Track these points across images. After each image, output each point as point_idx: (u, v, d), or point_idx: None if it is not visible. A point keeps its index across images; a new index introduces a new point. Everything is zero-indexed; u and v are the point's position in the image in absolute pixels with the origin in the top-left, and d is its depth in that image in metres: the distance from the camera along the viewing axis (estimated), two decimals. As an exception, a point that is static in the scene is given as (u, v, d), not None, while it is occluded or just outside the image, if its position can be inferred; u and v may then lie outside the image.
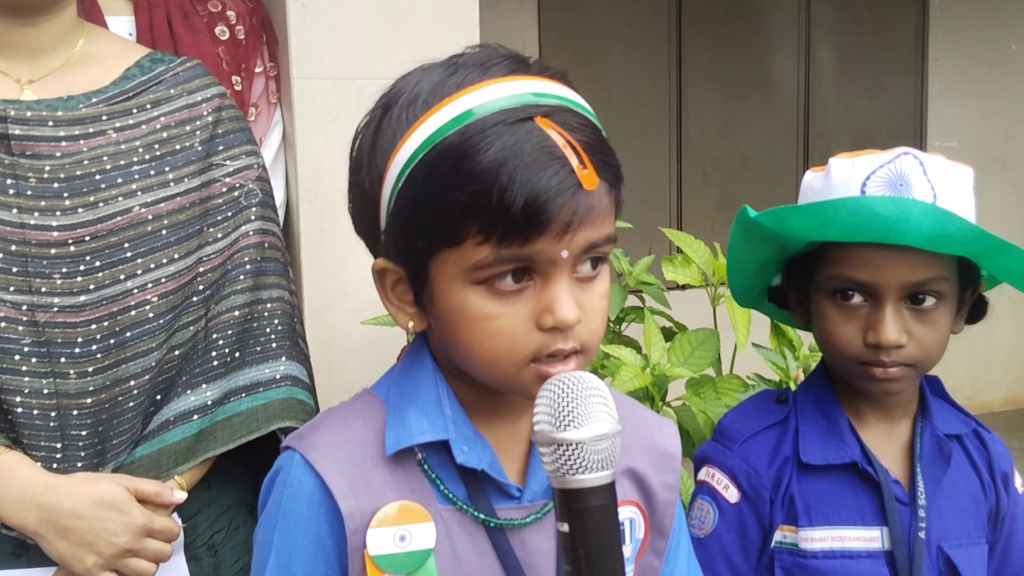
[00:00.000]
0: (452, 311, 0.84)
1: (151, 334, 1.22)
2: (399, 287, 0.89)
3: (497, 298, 0.82)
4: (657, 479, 1.00)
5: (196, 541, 1.30)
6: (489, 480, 0.90)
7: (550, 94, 0.84)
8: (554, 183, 0.78)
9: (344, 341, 2.04)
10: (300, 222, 2.01)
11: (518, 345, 0.82)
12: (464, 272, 0.82)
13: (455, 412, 0.90)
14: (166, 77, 1.32)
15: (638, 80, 5.27)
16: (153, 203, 1.23)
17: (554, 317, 0.81)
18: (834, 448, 1.21)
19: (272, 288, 1.33)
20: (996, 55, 6.06)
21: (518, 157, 0.78)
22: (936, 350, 1.17)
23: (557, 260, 0.81)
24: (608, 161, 0.84)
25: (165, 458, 1.24)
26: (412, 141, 0.83)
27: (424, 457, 0.90)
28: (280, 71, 2.01)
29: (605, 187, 0.83)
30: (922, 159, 1.13)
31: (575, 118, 0.83)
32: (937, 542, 1.19)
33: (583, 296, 0.84)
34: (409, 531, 0.87)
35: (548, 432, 0.77)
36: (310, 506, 0.88)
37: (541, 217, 0.78)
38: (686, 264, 1.79)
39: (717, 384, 1.66)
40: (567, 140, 0.80)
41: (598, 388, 0.79)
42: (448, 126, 0.81)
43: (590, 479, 0.76)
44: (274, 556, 0.89)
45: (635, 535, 0.99)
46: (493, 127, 0.79)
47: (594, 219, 0.82)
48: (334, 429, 0.92)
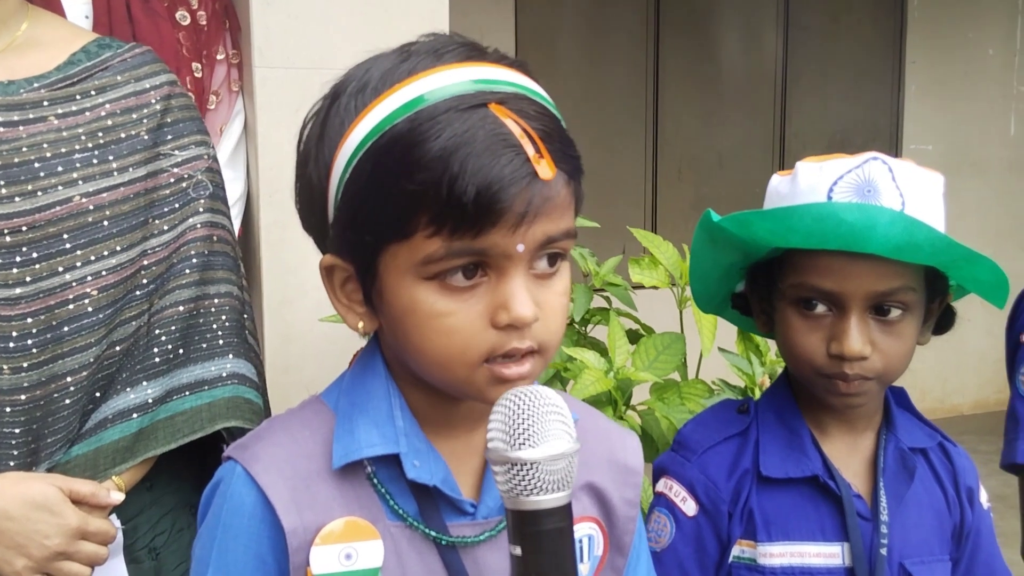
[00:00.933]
0: (402, 309, 0.80)
1: (90, 329, 1.18)
2: (348, 285, 0.85)
3: (449, 294, 0.78)
4: (618, 495, 0.97)
5: (137, 543, 1.27)
6: (442, 495, 0.86)
7: (506, 81, 0.80)
8: (508, 171, 0.75)
9: (304, 338, 2.00)
10: (260, 215, 1.96)
11: (471, 344, 0.79)
12: (414, 267, 0.78)
13: (407, 423, 0.86)
14: (113, 63, 1.28)
15: (615, 78, 5.26)
16: (95, 193, 1.20)
17: (509, 314, 0.77)
18: (795, 461, 1.18)
19: (220, 283, 1.30)
20: (973, 59, 6.10)
21: (470, 144, 0.74)
22: (901, 362, 1.14)
23: (512, 255, 0.77)
24: (567, 152, 0.80)
25: (102, 458, 1.21)
26: (360, 129, 0.79)
27: (374, 471, 0.86)
28: (242, 59, 1.96)
29: (563, 178, 0.79)
30: (891, 164, 1.11)
31: (532, 106, 0.79)
32: (899, 559, 1.17)
33: (541, 293, 0.80)
34: (355, 549, 0.83)
35: (502, 450, 0.74)
36: (251, 521, 0.83)
37: (494, 207, 0.75)
38: (653, 266, 1.77)
39: (682, 389, 1.63)
40: (523, 128, 0.77)
41: (556, 404, 0.76)
42: (397, 113, 0.77)
43: (545, 500, 0.73)
44: (212, 571, 0.85)
45: (593, 552, 0.96)
46: (444, 114, 0.76)
47: (551, 211, 0.78)
48: (278, 439, 0.87)
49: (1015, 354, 1.50)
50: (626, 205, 5.20)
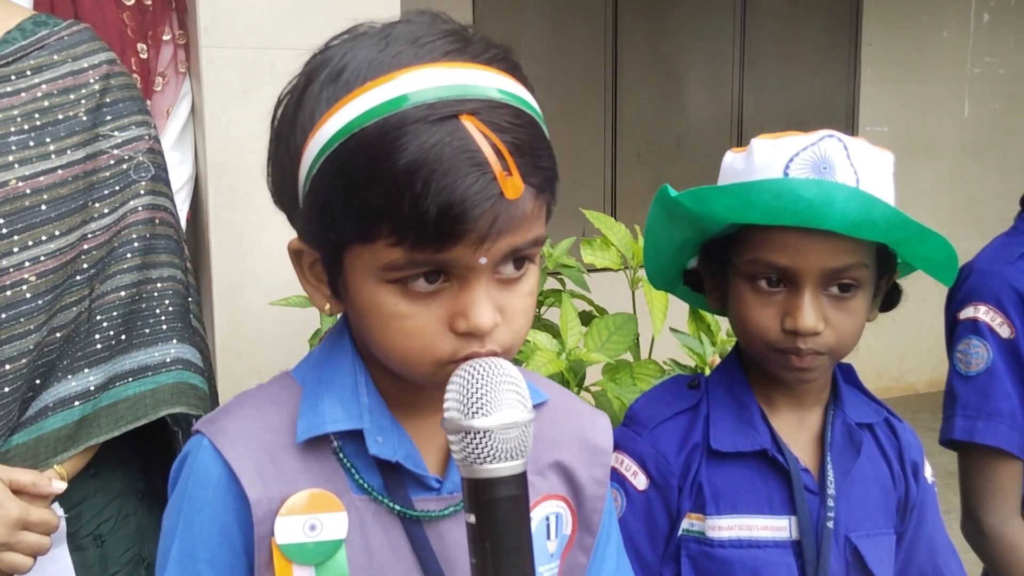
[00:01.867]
0: (364, 306, 0.81)
1: (28, 315, 1.16)
2: (316, 267, 0.85)
3: (410, 299, 0.78)
4: (587, 474, 0.97)
5: (81, 531, 1.25)
6: (407, 470, 0.87)
7: (483, 86, 0.77)
8: (472, 192, 0.73)
9: (255, 323, 1.98)
10: (209, 199, 1.94)
11: (431, 346, 0.79)
12: (376, 270, 0.78)
13: (372, 400, 0.87)
14: (49, 41, 1.24)
15: (574, 60, 5.25)
16: (32, 176, 1.17)
17: (467, 323, 0.78)
18: (744, 435, 1.19)
19: (163, 267, 1.27)
20: (928, 42, 6.17)
21: (435, 162, 0.73)
22: (852, 337, 1.15)
23: (475, 267, 0.77)
24: (539, 164, 0.78)
25: (44, 446, 1.18)
26: (330, 125, 0.77)
27: (340, 445, 0.86)
28: (189, 39, 1.93)
29: (532, 192, 0.78)
30: (846, 142, 1.11)
31: (507, 114, 0.77)
32: (845, 532, 1.18)
33: (504, 297, 0.80)
34: (320, 520, 0.84)
35: (456, 419, 0.75)
36: (216, 493, 0.84)
37: (456, 228, 0.74)
38: (605, 247, 1.76)
39: (634, 369, 1.63)
40: (492, 143, 0.75)
41: (511, 375, 0.76)
42: (368, 115, 0.75)
43: (499, 468, 0.74)
44: (178, 543, 0.85)
45: (562, 530, 0.96)
46: (414, 124, 0.74)
47: (517, 226, 0.77)
48: (246, 413, 0.88)
49: (952, 332, 1.52)
50: (585, 188, 5.21)
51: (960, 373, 1.49)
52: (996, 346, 1.45)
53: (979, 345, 1.47)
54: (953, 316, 1.52)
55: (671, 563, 1.20)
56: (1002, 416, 1.45)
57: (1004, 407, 1.45)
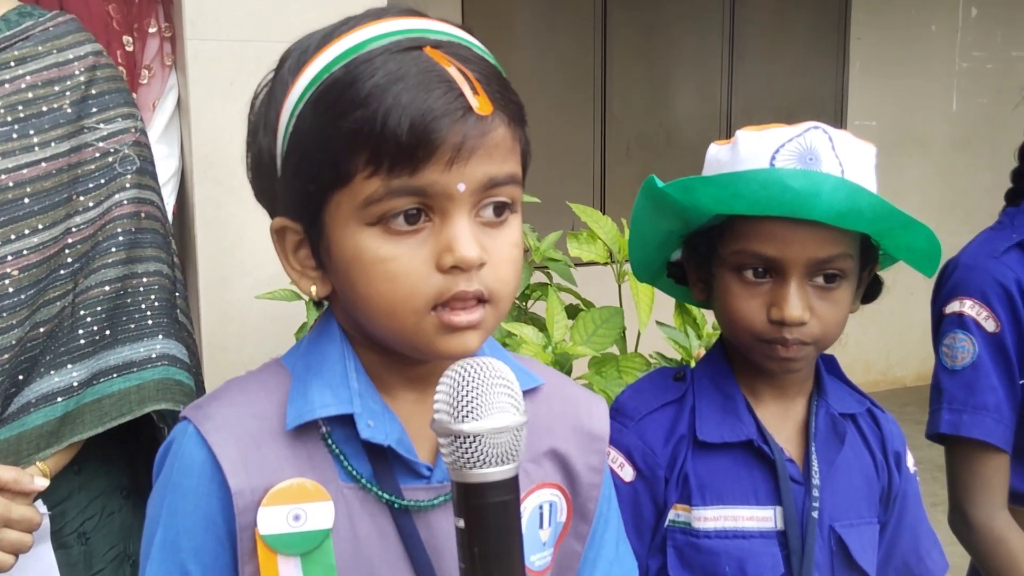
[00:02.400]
0: (348, 259, 0.80)
1: (11, 310, 1.14)
2: (301, 252, 0.85)
3: (392, 239, 0.78)
4: (582, 461, 0.96)
5: (65, 528, 1.23)
6: (397, 458, 0.85)
7: (443, 31, 0.81)
8: (441, 104, 0.75)
9: (242, 317, 1.98)
10: (195, 192, 1.93)
11: (417, 289, 0.78)
12: (356, 212, 0.78)
13: (362, 384, 0.86)
14: (34, 32, 1.23)
15: (563, 54, 5.24)
16: (15, 169, 1.15)
17: (453, 255, 0.77)
18: (730, 426, 1.19)
19: (149, 261, 1.26)
20: (916, 36, 6.18)
21: (403, 79, 0.75)
22: (837, 328, 1.16)
23: (453, 195, 0.77)
24: (507, 96, 0.80)
25: (26, 443, 1.17)
26: (300, 83, 0.80)
27: (328, 431, 0.85)
28: (174, 32, 1.92)
29: (503, 119, 0.79)
30: (831, 134, 1.12)
31: (468, 52, 0.80)
32: (830, 521, 1.19)
33: (488, 240, 0.80)
34: (305, 510, 0.82)
35: (445, 423, 0.73)
36: (199, 481, 0.83)
37: (428, 137, 0.75)
38: (591, 240, 1.76)
39: (620, 363, 1.64)
40: (457, 68, 0.77)
41: (504, 377, 0.75)
42: (334, 62, 0.79)
43: (490, 473, 0.72)
44: (161, 531, 0.84)
45: (556, 518, 0.95)
46: (380, 55, 0.77)
47: (491, 150, 0.78)
48: (234, 399, 0.87)
49: (938, 326, 1.53)
50: (574, 182, 5.20)
51: (946, 367, 1.49)
52: (982, 340, 1.46)
53: (965, 339, 1.47)
54: (939, 310, 1.53)
55: (657, 554, 1.20)
56: (988, 410, 1.45)
57: (990, 400, 1.46)
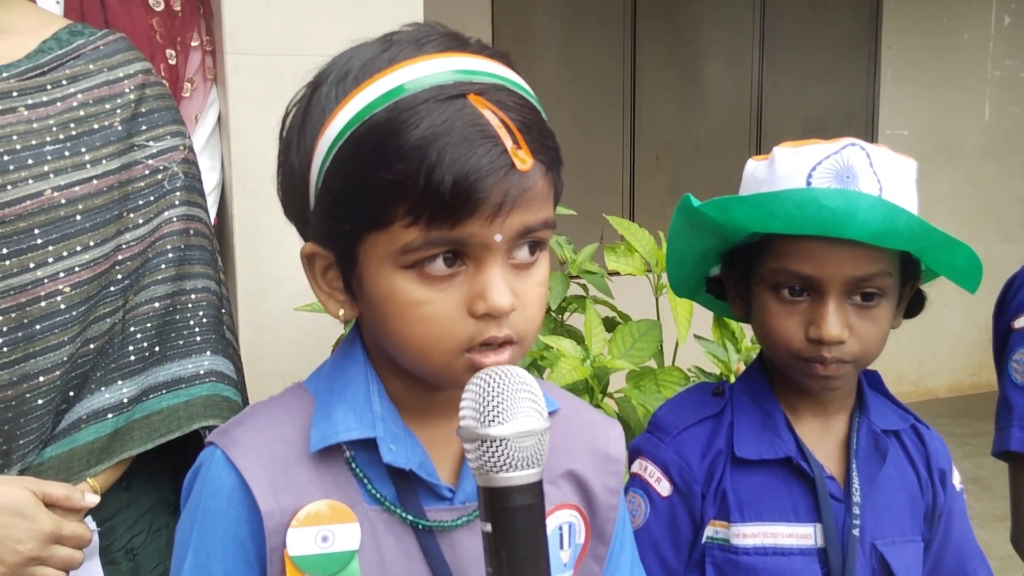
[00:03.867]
0: (381, 297, 0.80)
1: (63, 327, 1.16)
2: (329, 273, 0.86)
3: (427, 283, 0.79)
4: (599, 483, 0.97)
5: (113, 545, 1.24)
6: (420, 480, 0.87)
7: (486, 72, 0.81)
8: (485, 162, 0.75)
9: (278, 328, 2.00)
10: (233, 204, 1.95)
11: (449, 332, 0.79)
12: (393, 255, 0.78)
13: (385, 409, 0.87)
14: (85, 51, 1.25)
15: (592, 63, 5.25)
16: (67, 186, 1.17)
17: (486, 304, 0.78)
18: (769, 443, 1.19)
19: (197, 278, 1.27)
20: (948, 44, 6.14)
21: (448, 135, 0.75)
22: (877, 346, 1.15)
23: (490, 244, 0.78)
24: (545, 143, 0.81)
25: (76, 459, 1.18)
26: (340, 118, 0.79)
27: (352, 455, 0.86)
28: (215, 45, 1.95)
29: (541, 169, 0.80)
30: (868, 151, 1.11)
31: (511, 97, 0.80)
32: (871, 539, 1.18)
33: (519, 283, 0.81)
34: (332, 532, 0.83)
35: (472, 427, 0.74)
36: (229, 504, 0.84)
37: (471, 198, 0.75)
38: (629, 253, 1.77)
39: (658, 377, 1.64)
40: (500, 119, 0.77)
41: (527, 383, 0.76)
42: (377, 102, 0.78)
43: (515, 477, 0.74)
44: (192, 555, 0.85)
45: (575, 539, 0.96)
46: (423, 103, 0.76)
47: (529, 202, 0.79)
48: (259, 424, 0.88)
49: (1006, 341, 1.50)
50: (603, 192, 5.20)
51: (1016, 383, 1.46)
52: None
53: None
54: (1006, 325, 1.49)
55: (695, 570, 1.20)
56: None
57: None
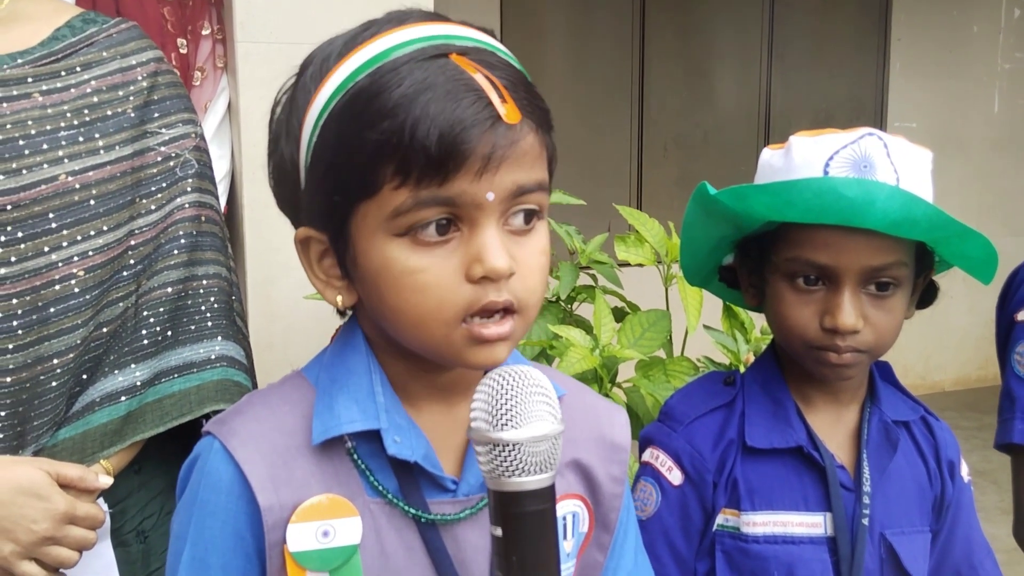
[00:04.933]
0: (376, 270, 0.79)
1: (76, 310, 1.16)
2: (325, 260, 0.84)
3: (421, 249, 0.77)
4: (604, 471, 0.96)
5: (124, 527, 1.25)
6: (423, 472, 0.85)
7: (468, 36, 0.80)
8: (470, 113, 0.74)
9: (288, 316, 2.00)
10: (243, 193, 1.96)
11: (447, 300, 0.77)
12: (384, 223, 0.77)
13: (388, 399, 0.85)
14: (98, 39, 1.26)
15: (601, 55, 5.24)
16: (81, 171, 1.18)
17: (483, 266, 0.76)
18: (780, 432, 1.20)
19: (209, 264, 1.28)
20: (958, 37, 6.11)
21: (431, 89, 0.74)
22: (891, 336, 1.15)
23: (483, 204, 0.76)
24: (534, 102, 0.79)
25: (90, 441, 1.18)
26: (324, 92, 0.79)
27: (354, 447, 0.84)
28: (225, 34, 1.95)
29: (531, 126, 0.78)
30: (886, 140, 1.11)
31: (494, 58, 0.79)
32: (880, 529, 1.18)
33: (517, 249, 0.79)
34: (333, 526, 0.82)
35: (484, 431, 0.73)
36: (228, 498, 0.82)
37: (458, 148, 0.74)
38: (639, 243, 1.77)
39: (667, 366, 1.64)
40: (484, 76, 0.76)
41: (541, 385, 0.75)
42: (359, 71, 0.77)
43: (528, 482, 0.72)
44: (189, 548, 0.84)
45: (578, 528, 0.95)
46: (405, 64, 0.76)
47: (519, 158, 0.77)
48: (258, 414, 0.86)
49: (1009, 333, 1.50)
50: (611, 183, 5.20)
51: (1019, 375, 1.46)
52: None
53: None
54: (1010, 318, 1.49)
55: (706, 558, 1.21)
56: None
57: None
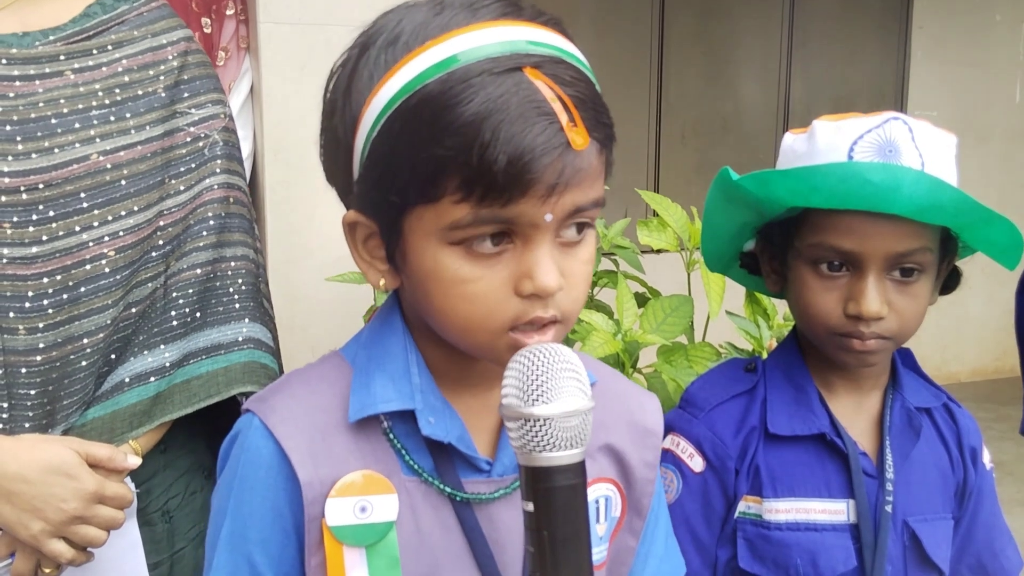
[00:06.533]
0: (426, 272, 0.79)
1: (107, 290, 1.17)
2: (371, 242, 0.84)
3: (474, 260, 0.77)
4: (636, 456, 0.96)
5: (150, 506, 1.26)
6: (457, 452, 0.86)
7: (542, 43, 0.77)
8: (540, 141, 0.73)
9: (309, 298, 2.01)
10: (265, 174, 1.96)
11: (494, 311, 0.77)
12: (440, 231, 0.76)
13: (424, 380, 0.86)
14: (129, 17, 1.25)
15: (619, 40, 5.21)
16: (112, 151, 1.18)
17: (534, 284, 0.76)
18: (802, 419, 1.19)
19: (236, 246, 1.28)
20: (980, 24, 6.05)
21: (503, 111, 0.72)
22: (915, 322, 1.15)
23: (540, 223, 0.76)
24: (600, 119, 0.78)
25: (119, 421, 1.19)
26: (390, 86, 0.76)
27: (390, 426, 0.85)
28: (247, 15, 1.95)
29: (596, 147, 0.78)
30: (911, 124, 1.10)
31: (568, 70, 0.77)
32: (903, 516, 1.18)
33: (565, 262, 0.79)
34: (370, 502, 0.83)
35: (516, 406, 0.73)
36: (268, 473, 0.83)
37: (524, 177, 0.73)
38: (661, 228, 1.76)
39: (689, 352, 1.64)
40: (557, 94, 0.74)
41: (571, 362, 0.75)
42: (429, 72, 0.74)
43: (558, 457, 0.73)
44: (229, 523, 0.85)
45: (611, 513, 0.95)
46: (478, 76, 0.73)
47: (581, 181, 0.76)
48: (296, 392, 0.87)
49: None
50: (630, 168, 5.18)
51: None
52: None
53: None
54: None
55: (727, 545, 1.21)
56: None
57: None
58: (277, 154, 2.01)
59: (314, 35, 1.98)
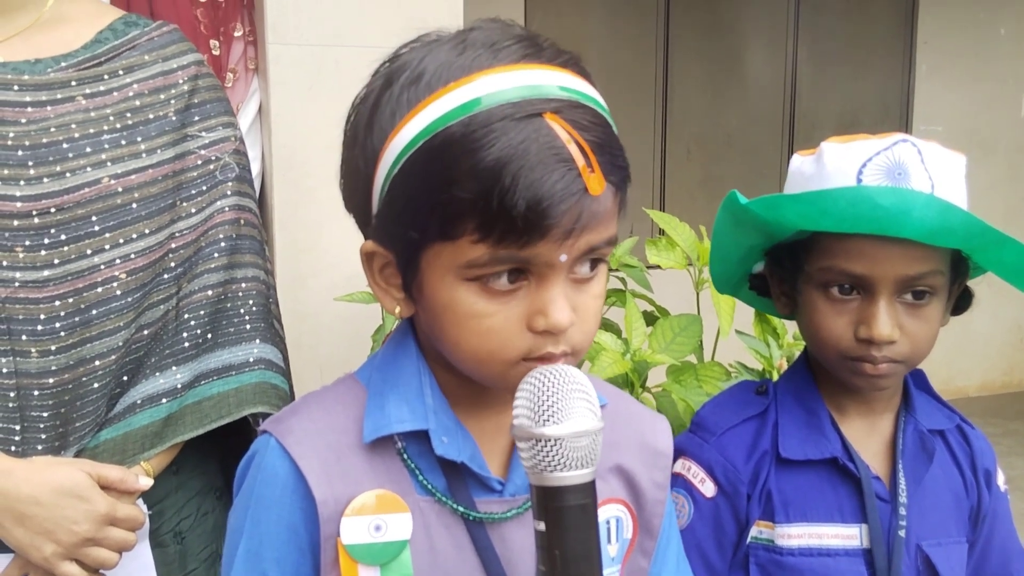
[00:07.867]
0: (441, 305, 0.81)
1: (118, 312, 1.17)
2: (387, 271, 0.86)
3: (489, 297, 0.79)
4: (647, 477, 0.98)
5: (162, 528, 1.26)
6: (470, 472, 0.87)
7: (562, 87, 0.79)
8: (559, 187, 0.75)
9: (317, 317, 2.01)
10: (273, 194, 1.97)
11: (507, 345, 0.80)
12: (457, 268, 0.79)
13: (437, 401, 0.87)
14: (140, 42, 1.26)
15: (624, 56, 5.23)
16: (123, 174, 1.18)
17: (547, 321, 0.78)
18: (814, 443, 1.19)
19: (247, 267, 1.29)
20: (984, 39, 6.06)
21: (523, 157, 0.74)
22: (927, 345, 1.14)
23: (555, 263, 0.78)
24: (616, 162, 0.80)
25: (131, 443, 1.19)
26: (412, 126, 0.78)
27: (404, 446, 0.87)
28: (255, 36, 1.96)
29: (611, 190, 0.80)
30: (920, 147, 1.10)
31: (586, 115, 0.79)
32: (917, 540, 1.17)
33: (577, 297, 0.81)
34: (385, 521, 0.84)
35: (527, 427, 0.75)
36: (283, 492, 0.85)
37: (543, 223, 0.75)
38: (670, 247, 1.76)
39: (699, 371, 1.63)
40: (576, 140, 0.76)
41: (581, 383, 0.77)
42: (452, 115, 0.77)
43: (569, 477, 0.74)
44: (245, 541, 0.87)
45: (622, 534, 0.96)
46: (500, 121, 0.75)
47: (597, 224, 0.79)
48: (312, 414, 0.89)
49: None
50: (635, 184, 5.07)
51: None
52: None
53: None
54: None
55: (739, 570, 1.20)
56: None
57: None
58: (285, 174, 2.01)
59: (322, 56, 1.99)
